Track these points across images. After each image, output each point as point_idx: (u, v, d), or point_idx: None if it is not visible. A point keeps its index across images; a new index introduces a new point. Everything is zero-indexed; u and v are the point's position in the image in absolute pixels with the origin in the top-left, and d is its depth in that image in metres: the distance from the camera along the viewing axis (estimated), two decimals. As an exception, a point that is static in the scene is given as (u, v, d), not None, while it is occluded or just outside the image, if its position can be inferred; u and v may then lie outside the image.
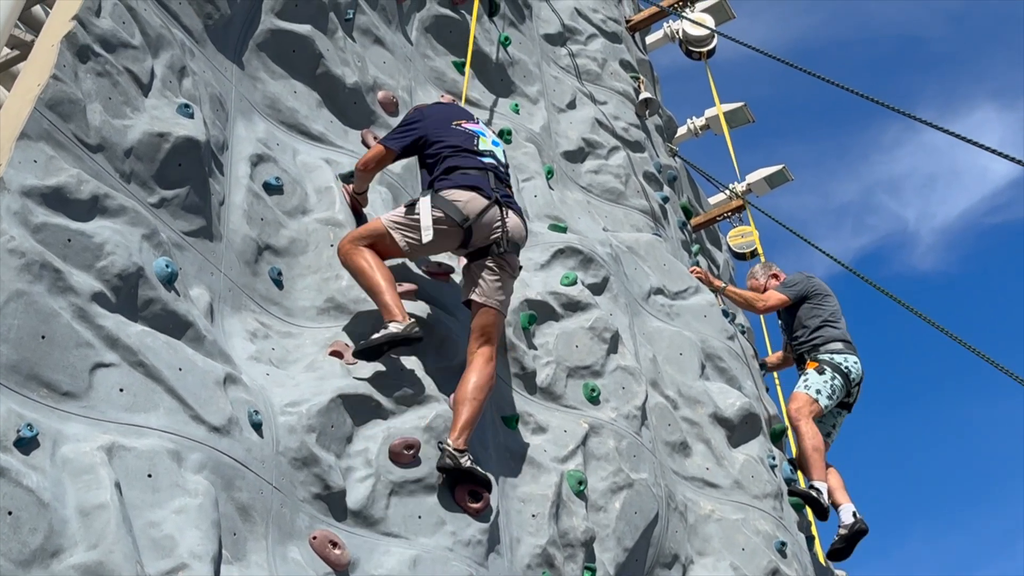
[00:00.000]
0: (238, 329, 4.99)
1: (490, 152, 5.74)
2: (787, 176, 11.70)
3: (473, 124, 5.87)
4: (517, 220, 5.57)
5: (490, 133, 5.91)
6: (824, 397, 7.76)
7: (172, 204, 4.88)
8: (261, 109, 5.93)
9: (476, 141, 5.73)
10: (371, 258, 5.33)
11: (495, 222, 5.46)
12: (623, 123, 8.94)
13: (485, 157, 5.67)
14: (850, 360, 7.94)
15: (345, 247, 5.39)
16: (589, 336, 6.45)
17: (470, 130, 5.79)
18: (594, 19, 9.56)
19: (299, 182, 5.81)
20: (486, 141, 5.79)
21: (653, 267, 7.72)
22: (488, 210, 5.44)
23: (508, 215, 5.51)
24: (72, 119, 4.44)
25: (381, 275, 5.27)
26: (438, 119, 5.81)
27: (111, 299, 4.20)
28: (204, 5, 5.64)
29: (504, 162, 5.82)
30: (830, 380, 7.82)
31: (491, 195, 5.48)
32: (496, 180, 5.59)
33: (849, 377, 7.88)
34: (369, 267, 5.29)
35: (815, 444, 7.58)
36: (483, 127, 5.92)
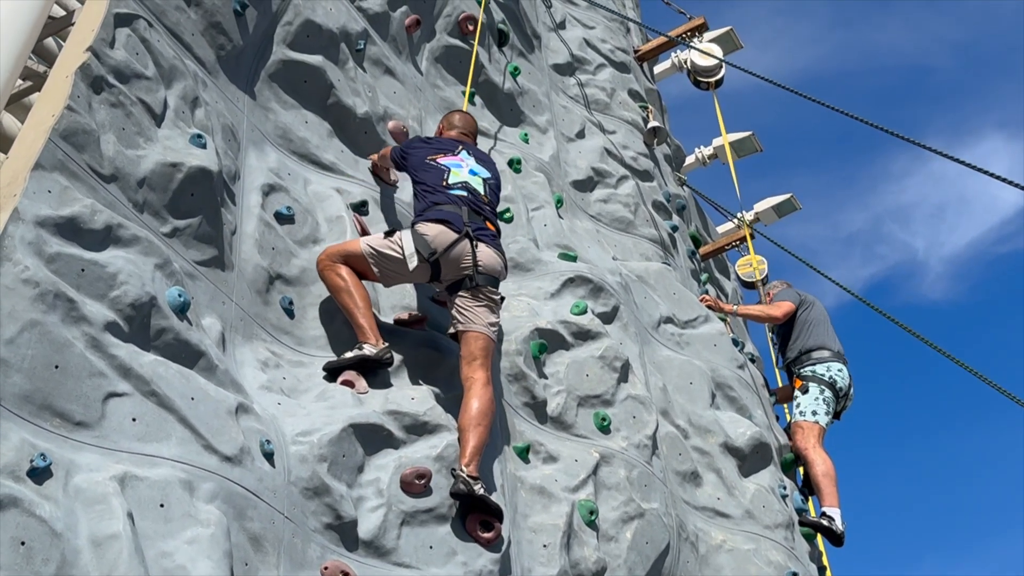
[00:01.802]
0: (249, 358, 4.99)
1: (463, 184, 5.73)
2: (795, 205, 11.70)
3: (450, 157, 5.88)
4: (490, 252, 5.52)
5: (470, 163, 5.91)
6: (822, 415, 7.79)
7: (184, 234, 4.90)
8: (273, 139, 5.96)
9: (446, 175, 5.73)
10: (348, 277, 5.37)
11: (465, 256, 5.44)
12: (632, 152, 8.96)
13: (455, 190, 5.67)
14: (833, 368, 7.97)
15: (323, 263, 5.45)
16: (599, 365, 6.44)
17: (443, 165, 5.80)
18: (603, 49, 9.61)
19: (310, 211, 5.83)
20: (459, 173, 5.78)
21: (663, 296, 7.72)
22: (457, 244, 5.43)
23: (479, 247, 5.47)
24: (86, 149, 4.46)
25: (358, 295, 5.33)
26: (419, 157, 5.87)
27: (124, 328, 4.20)
28: (217, 36, 5.68)
29: (484, 193, 5.79)
30: (819, 395, 7.86)
31: (461, 228, 5.47)
32: (472, 213, 5.58)
33: (835, 387, 7.87)
34: (345, 286, 5.35)
35: (825, 470, 7.58)
36: (463, 158, 5.92)
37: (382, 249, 5.50)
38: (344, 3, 6.67)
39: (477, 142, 6.44)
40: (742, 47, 10.88)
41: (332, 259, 5.44)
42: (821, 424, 7.77)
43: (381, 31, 7.01)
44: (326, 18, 6.41)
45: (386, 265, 5.49)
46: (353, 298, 5.33)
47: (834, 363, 8.04)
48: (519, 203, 7.20)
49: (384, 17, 7.03)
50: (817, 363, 8.06)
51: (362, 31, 6.75)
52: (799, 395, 7.95)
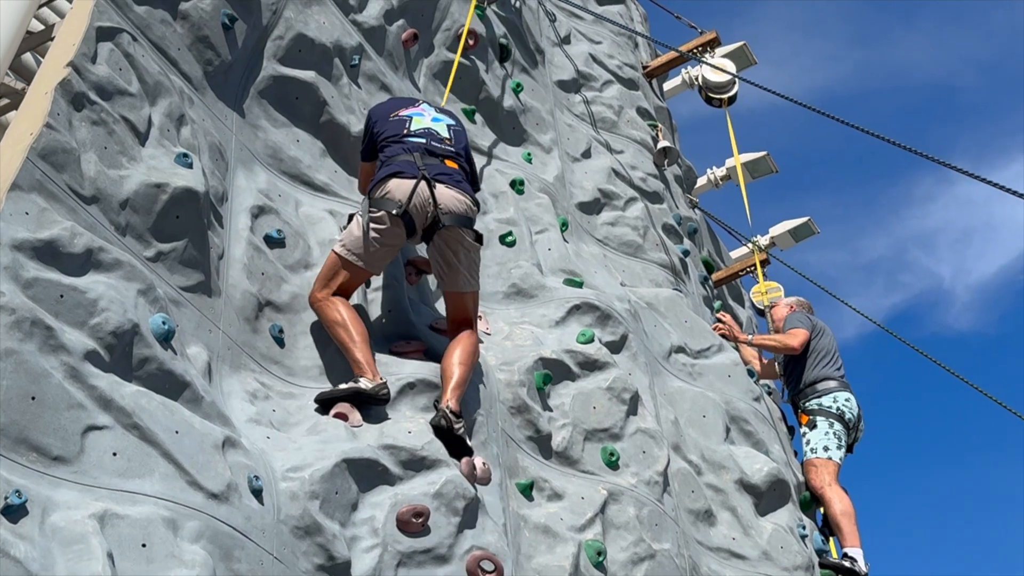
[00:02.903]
0: (237, 389, 4.98)
1: (424, 130, 5.88)
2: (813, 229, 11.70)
3: (411, 109, 6.05)
4: (450, 192, 5.63)
5: (431, 112, 6.06)
6: (835, 449, 7.77)
7: (169, 258, 4.90)
8: (262, 158, 5.97)
9: (408, 124, 5.91)
10: (343, 311, 5.39)
11: (426, 199, 5.57)
12: (641, 173, 8.97)
13: (415, 137, 5.82)
14: (840, 399, 7.98)
15: (315, 300, 5.48)
16: (607, 397, 6.43)
17: (405, 115, 5.97)
18: (610, 65, 9.64)
19: (302, 235, 5.83)
20: (422, 120, 5.96)
21: (674, 324, 7.71)
22: (416, 190, 5.54)
23: (437, 188, 5.59)
24: (66, 169, 4.47)
25: (354, 330, 5.34)
26: (382, 114, 6.04)
27: (105, 358, 4.19)
28: (204, 51, 5.70)
29: (448, 136, 5.92)
30: (828, 429, 7.85)
31: (416, 174, 5.59)
32: (428, 155, 5.72)
33: (844, 418, 7.87)
34: (341, 320, 5.36)
35: (843, 509, 7.55)
36: (424, 108, 6.07)
37: (353, 237, 5.55)
38: (338, 16, 6.69)
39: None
40: (756, 63, 10.91)
41: (324, 292, 5.47)
42: (835, 460, 7.76)
43: (377, 46, 7.04)
44: (319, 32, 6.43)
45: (366, 249, 5.53)
46: (349, 332, 5.34)
47: (841, 393, 8.02)
48: (522, 226, 7.21)
49: (380, 31, 7.06)
50: (823, 395, 8.05)
51: (357, 45, 6.77)
52: (807, 431, 7.93)
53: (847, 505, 7.58)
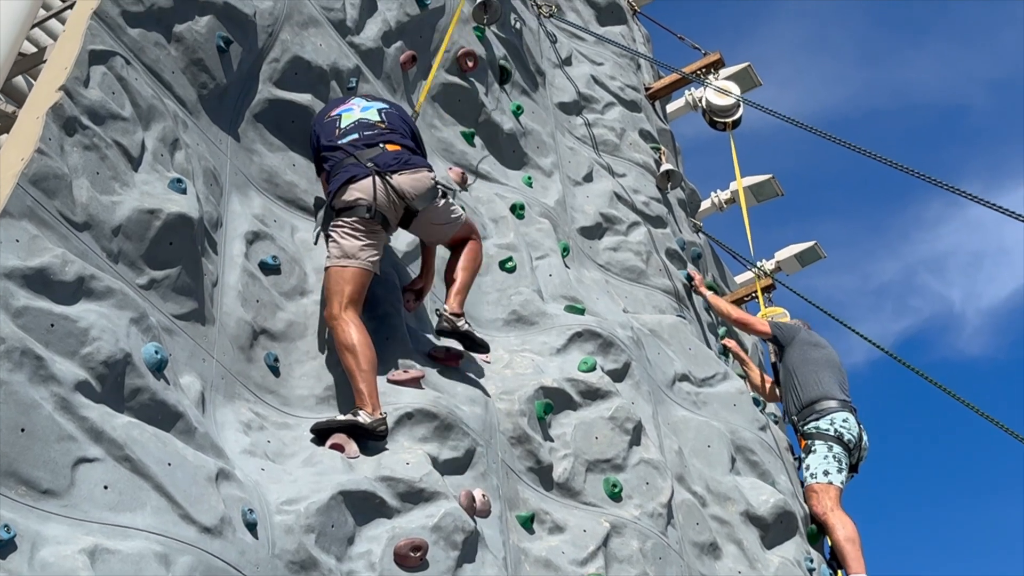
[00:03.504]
0: (231, 420, 4.98)
1: (354, 124, 5.98)
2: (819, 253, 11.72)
3: (343, 105, 6.15)
4: (406, 176, 5.78)
5: (360, 103, 6.14)
6: (835, 473, 7.77)
7: (162, 285, 4.90)
8: (257, 183, 5.98)
9: (338, 123, 6.02)
10: (356, 335, 5.41)
11: (389, 194, 5.73)
12: (643, 197, 8.99)
13: (346, 137, 5.92)
14: (838, 420, 7.97)
15: (331, 318, 5.52)
16: (610, 427, 6.42)
17: (335, 115, 6.08)
18: (612, 87, 9.67)
19: (298, 261, 5.84)
20: (351, 115, 6.05)
21: (678, 351, 7.71)
22: (376, 187, 5.69)
23: (393, 179, 5.74)
24: (57, 195, 4.48)
25: (363, 357, 5.35)
26: (319, 120, 6.14)
27: (96, 388, 4.19)
28: (198, 74, 5.72)
29: (380, 120, 6.01)
30: (827, 452, 7.86)
31: (368, 172, 5.73)
32: (366, 148, 5.84)
33: (843, 440, 7.87)
34: (351, 344, 5.38)
35: (847, 535, 7.55)
36: (354, 102, 6.16)
37: (339, 246, 5.63)
38: (335, 39, 6.72)
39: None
40: (761, 84, 10.95)
41: (336, 308, 5.50)
42: (836, 484, 7.77)
43: (374, 68, 7.06)
44: (315, 54, 6.45)
45: (356, 251, 5.62)
46: (357, 359, 5.35)
47: (838, 414, 8.02)
48: (522, 251, 7.22)
49: (378, 53, 7.08)
50: (820, 417, 8.05)
51: (354, 68, 6.79)
52: (805, 456, 7.94)
53: (851, 530, 7.57)
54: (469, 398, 5.84)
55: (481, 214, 7.28)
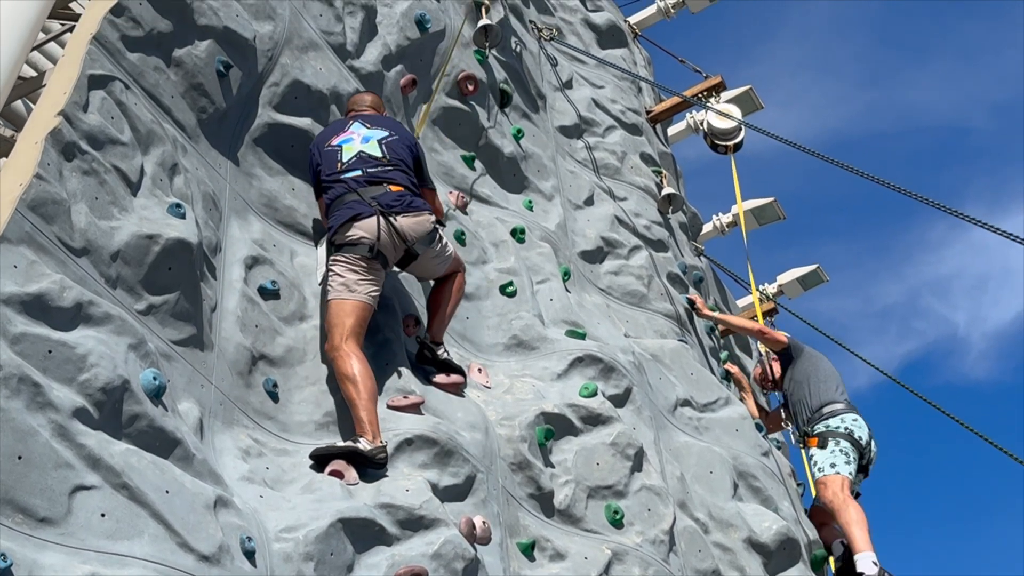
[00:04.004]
0: (230, 446, 4.98)
1: (356, 158, 5.98)
2: (822, 277, 11.75)
3: (343, 134, 6.13)
4: (408, 219, 5.85)
5: (361, 132, 6.13)
6: (843, 465, 7.82)
7: (161, 311, 4.91)
8: (257, 208, 6.00)
9: (339, 156, 6.02)
10: (356, 365, 5.43)
11: (391, 235, 5.80)
12: (645, 220, 9.01)
13: (349, 172, 5.93)
14: (848, 419, 8.05)
15: (331, 350, 5.53)
16: (611, 453, 6.42)
17: (336, 145, 6.08)
18: (612, 110, 9.70)
19: (297, 286, 5.85)
20: (351, 148, 6.04)
21: (679, 376, 7.71)
22: (380, 227, 5.75)
23: (398, 221, 5.80)
24: (56, 221, 4.49)
25: (363, 386, 5.37)
26: (319, 146, 6.15)
27: (93, 415, 4.20)
28: (198, 98, 5.74)
29: (383, 154, 6.02)
30: (835, 447, 7.87)
31: (372, 211, 5.77)
32: (369, 185, 5.87)
33: (854, 436, 7.94)
34: (351, 375, 5.39)
35: (855, 518, 7.58)
36: (354, 130, 6.15)
37: (338, 279, 5.67)
38: (335, 62, 6.75)
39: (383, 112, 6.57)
40: (762, 107, 10.99)
41: (337, 340, 5.51)
42: (843, 474, 7.79)
43: (375, 91, 7.08)
44: (315, 78, 6.48)
45: (355, 284, 5.67)
46: (357, 388, 5.36)
47: (848, 414, 8.08)
48: (523, 276, 7.23)
49: (378, 77, 7.11)
50: (830, 417, 8.10)
51: (353, 91, 6.81)
52: (814, 451, 8.00)
53: (860, 515, 7.59)
54: (469, 424, 5.84)
55: (481, 238, 7.29)
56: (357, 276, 5.70)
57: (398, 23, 7.42)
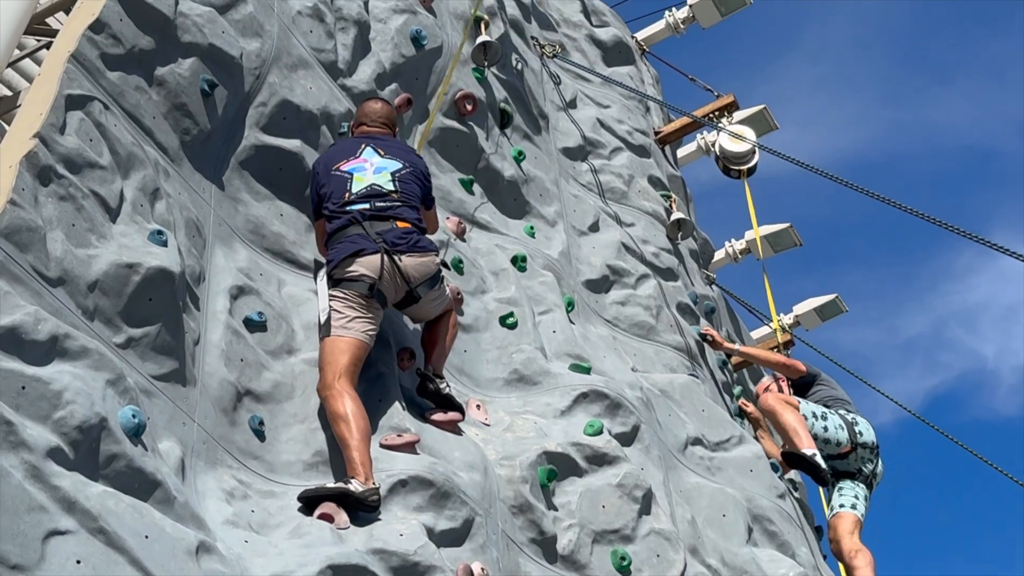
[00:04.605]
0: (213, 488, 4.97)
1: (366, 190, 6.01)
2: (840, 307, 11.77)
3: (352, 161, 6.15)
4: (412, 259, 5.91)
5: (375, 161, 6.16)
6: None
7: (141, 344, 4.92)
8: (243, 234, 6.01)
9: (348, 185, 6.04)
10: (349, 405, 5.44)
11: (393, 275, 5.86)
12: (653, 247, 9.02)
13: (357, 204, 5.97)
14: (861, 422, 8.43)
15: (323, 389, 5.55)
16: (618, 494, 6.41)
17: (346, 172, 6.10)
18: (619, 131, 9.73)
19: (285, 317, 5.86)
20: (363, 178, 6.08)
21: (690, 413, 7.71)
22: (383, 265, 5.81)
23: (402, 261, 5.86)
24: (30, 249, 4.50)
25: (355, 427, 5.38)
26: (324, 168, 6.18)
27: (69, 455, 4.19)
28: (181, 119, 5.77)
29: (394, 188, 6.06)
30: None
31: (376, 248, 5.82)
32: (376, 220, 5.92)
33: (855, 428, 8.33)
34: (344, 414, 5.41)
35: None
36: (366, 157, 6.18)
37: (337, 315, 5.72)
38: (326, 81, 6.78)
39: (396, 132, 6.63)
40: (777, 128, 11.03)
41: (330, 379, 5.53)
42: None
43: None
44: (305, 98, 6.51)
45: (352, 321, 5.71)
46: (350, 428, 5.37)
47: (859, 416, 8.52)
48: (524, 306, 7.24)
49: (371, 96, 7.13)
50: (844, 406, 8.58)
51: (346, 112, 6.85)
52: None
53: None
54: (467, 464, 5.83)
55: (480, 266, 7.30)
56: (354, 313, 5.74)
57: (393, 40, 7.46)
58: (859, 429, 8.38)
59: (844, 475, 8.42)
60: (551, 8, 10.28)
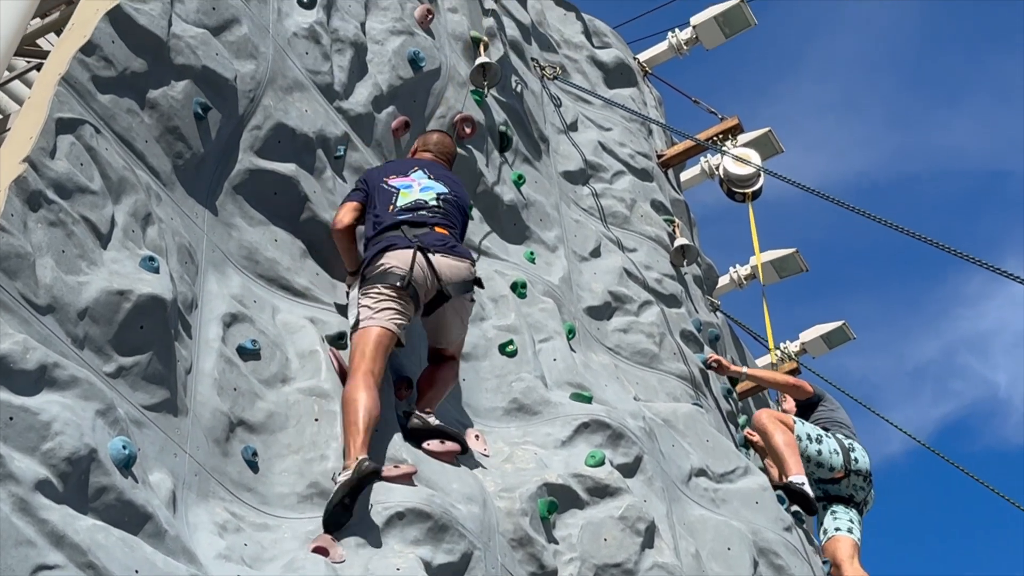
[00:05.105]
0: (205, 521, 4.96)
1: (411, 205, 6.32)
2: (848, 334, 11.78)
3: (401, 179, 6.46)
4: (448, 260, 6.14)
5: (423, 181, 6.47)
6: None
7: (131, 373, 4.92)
8: (236, 260, 6.02)
9: (395, 198, 6.34)
10: (362, 395, 5.57)
11: (426, 271, 6.07)
12: (656, 273, 9.02)
13: (402, 214, 6.26)
14: (857, 448, 8.48)
15: (346, 384, 5.71)
16: (620, 527, 6.40)
17: (393, 187, 6.41)
18: (621, 154, 9.75)
19: (279, 345, 5.86)
20: (408, 194, 6.38)
21: (694, 444, 7.70)
22: (415, 261, 6.01)
23: (435, 259, 6.08)
24: (19, 276, 4.51)
25: (353, 412, 5.52)
26: (377, 178, 6.50)
27: (58, 487, 4.19)
28: (174, 143, 5.78)
29: (437, 204, 6.37)
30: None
31: (411, 244, 6.07)
32: (414, 226, 6.19)
33: (851, 454, 8.38)
34: (352, 401, 5.57)
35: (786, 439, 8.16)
36: (415, 178, 6.49)
37: (367, 309, 5.91)
38: (322, 104, 6.80)
39: (452, 165, 6.99)
40: (782, 151, 11.06)
41: (354, 368, 5.72)
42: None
43: (364, 135, 7.13)
44: (300, 121, 6.53)
45: (387, 314, 5.91)
46: (355, 413, 5.51)
47: (856, 443, 8.53)
48: (524, 334, 7.24)
49: (368, 119, 7.16)
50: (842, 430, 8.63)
51: (342, 135, 6.86)
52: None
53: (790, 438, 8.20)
54: (466, 496, 5.82)
55: (479, 293, 7.30)
56: (384, 305, 5.93)
57: (390, 61, 7.48)
58: (855, 456, 8.43)
59: (835, 499, 8.46)
60: (552, 29, 10.30)
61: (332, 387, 5.77)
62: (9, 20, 5.88)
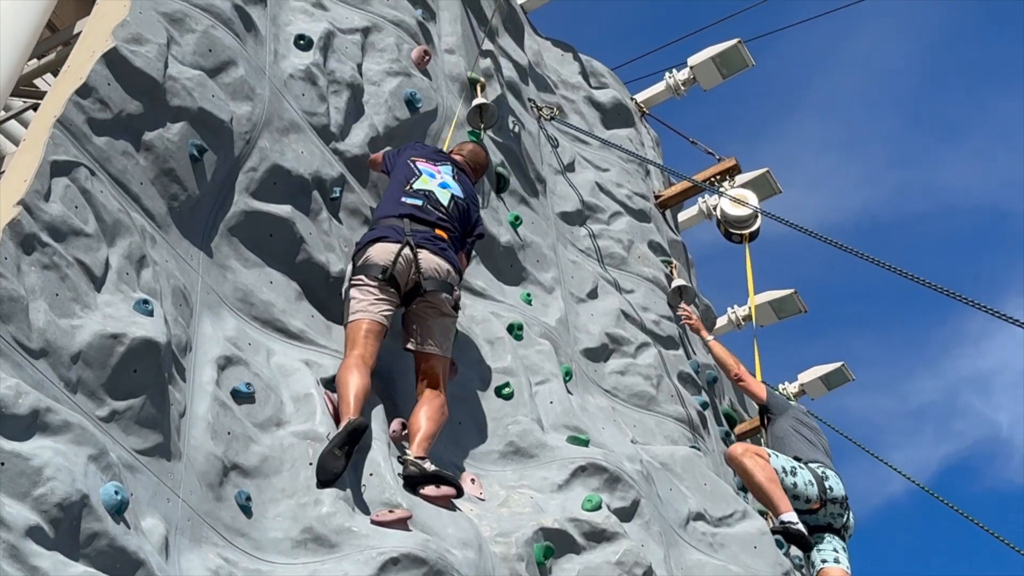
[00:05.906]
0: (197, 567, 4.95)
1: (424, 193, 6.66)
2: (847, 375, 11.77)
3: (429, 165, 6.85)
4: (432, 257, 6.40)
5: (445, 177, 6.84)
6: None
7: (124, 417, 4.91)
8: (231, 303, 6.02)
9: (413, 180, 6.71)
10: (353, 374, 5.93)
11: (409, 264, 6.33)
12: (653, 315, 9.03)
13: (411, 198, 6.61)
14: (831, 477, 8.36)
15: (340, 367, 6.05)
16: (617, 572, 6.38)
17: (417, 168, 6.79)
18: (618, 195, 9.77)
19: (273, 388, 5.85)
20: (427, 181, 6.74)
21: (692, 487, 7.68)
22: (400, 254, 6.30)
23: (420, 253, 6.33)
24: (12, 320, 4.51)
25: (352, 390, 5.86)
26: (406, 153, 6.96)
27: (49, 534, 4.18)
28: (169, 185, 5.80)
29: (447, 205, 6.68)
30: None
31: (401, 239, 6.34)
32: (417, 222, 6.49)
33: (825, 483, 8.27)
34: (345, 381, 5.91)
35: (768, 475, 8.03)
36: (441, 170, 6.87)
37: (357, 301, 6.25)
38: (318, 145, 6.82)
39: (478, 177, 7.35)
40: (780, 192, 11.07)
41: (347, 355, 6.09)
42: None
43: (360, 176, 7.15)
44: (296, 162, 6.55)
45: (369, 303, 6.23)
46: (347, 388, 5.86)
47: (830, 471, 8.42)
48: (520, 376, 7.23)
49: (364, 160, 7.18)
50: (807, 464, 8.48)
51: (338, 176, 6.88)
52: None
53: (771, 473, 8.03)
54: (461, 541, 5.80)
55: (476, 335, 7.31)
56: (372, 297, 6.25)
57: (386, 102, 7.51)
58: (829, 484, 8.34)
59: (815, 529, 8.41)
60: (549, 70, 10.35)
61: (326, 431, 5.75)
62: (6, 61, 5.92)
